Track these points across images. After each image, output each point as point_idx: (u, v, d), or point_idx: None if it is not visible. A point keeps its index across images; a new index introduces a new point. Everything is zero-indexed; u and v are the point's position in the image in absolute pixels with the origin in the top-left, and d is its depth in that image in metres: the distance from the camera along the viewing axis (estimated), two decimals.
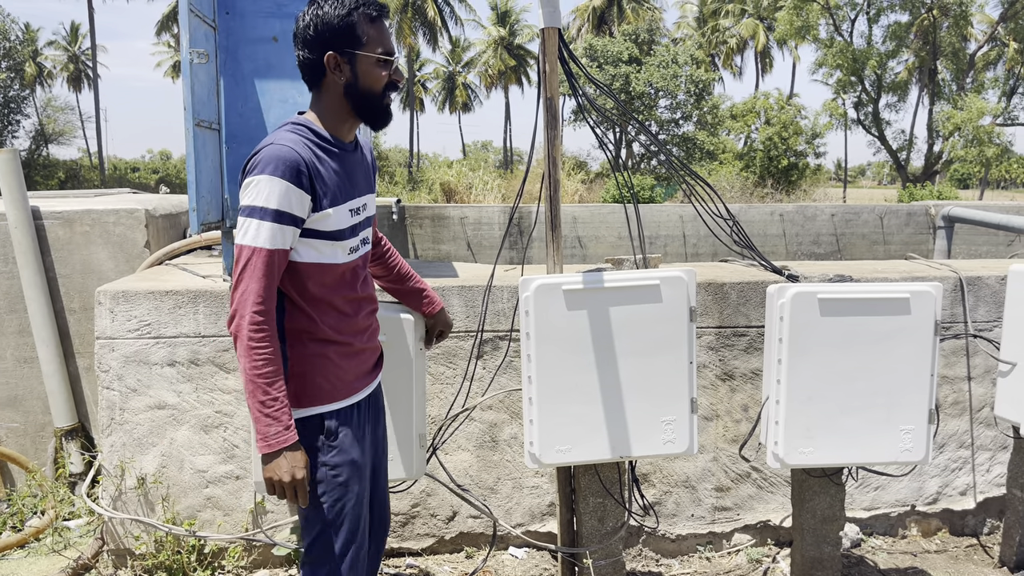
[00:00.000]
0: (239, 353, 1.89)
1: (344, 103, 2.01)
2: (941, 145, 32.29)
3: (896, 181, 48.69)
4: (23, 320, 4.31)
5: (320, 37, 1.93)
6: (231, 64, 3.34)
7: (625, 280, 2.69)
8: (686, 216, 11.75)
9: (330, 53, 1.94)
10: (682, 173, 3.07)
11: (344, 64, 1.96)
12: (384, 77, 2.00)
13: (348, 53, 1.95)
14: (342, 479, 2.10)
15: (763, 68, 52.46)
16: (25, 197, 4.27)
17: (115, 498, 3.36)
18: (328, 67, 1.96)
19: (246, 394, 1.90)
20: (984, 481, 3.82)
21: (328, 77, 1.98)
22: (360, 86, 1.99)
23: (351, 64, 1.96)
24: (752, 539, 3.68)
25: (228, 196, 3.36)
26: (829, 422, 2.80)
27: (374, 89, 2.00)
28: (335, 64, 1.96)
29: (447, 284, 3.41)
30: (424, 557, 3.53)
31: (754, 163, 31.73)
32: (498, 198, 24.43)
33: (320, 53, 1.94)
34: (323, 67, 1.96)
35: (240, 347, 1.88)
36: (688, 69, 33.09)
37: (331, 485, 2.09)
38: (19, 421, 4.39)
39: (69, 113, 45.97)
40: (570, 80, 2.83)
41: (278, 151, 1.88)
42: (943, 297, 3.22)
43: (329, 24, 1.92)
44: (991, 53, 33.93)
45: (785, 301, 2.75)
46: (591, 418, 2.70)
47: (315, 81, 2.02)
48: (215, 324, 3.32)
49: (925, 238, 11.73)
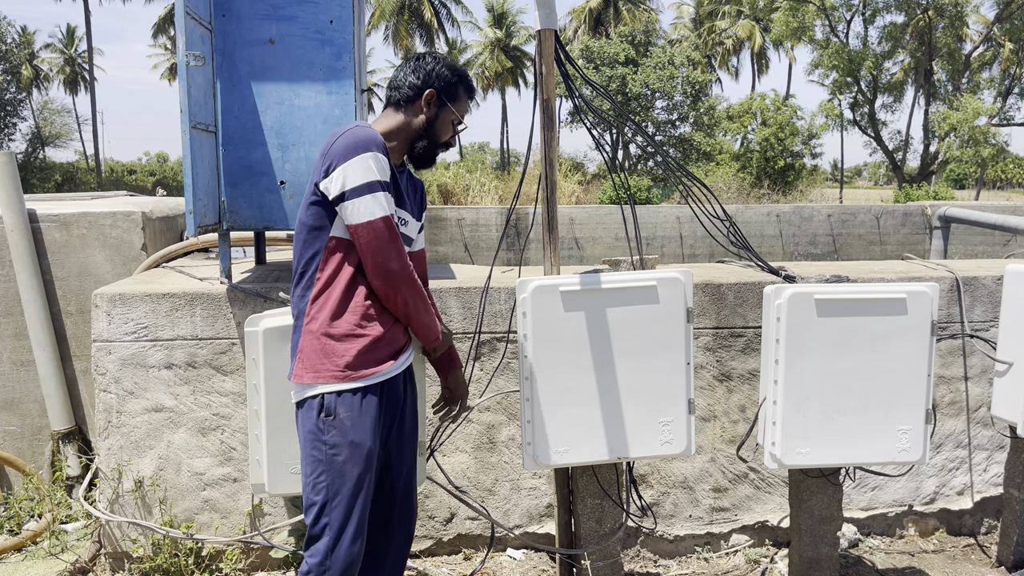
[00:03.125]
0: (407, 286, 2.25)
1: (409, 133, 2.37)
2: (937, 145, 32.36)
3: (892, 181, 48.81)
4: (20, 323, 4.30)
5: (430, 77, 2.35)
6: (227, 66, 3.34)
7: (622, 281, 2.69)
8: (683, 217, 11.76)
9: (432, 90, 2.35)
10: (679, 174, 3.08)
11: (434, 105, 2.36)
12: (450, 132, 2.42)
13: (441, 100, 2.37)
14: (340, 459, 2.20)
15: (759, 69, 52.56)
16: (22, 200, 4.26)
17: (112, 501, 3.35)
18: (423, 99, 2.35)
19: (419, 312, 2.31)
20: (981, 481, 3.83)
21: (416, 105, 2.36)
22: (433, 127, 2.38)
23: (438, 108, 2.37)
24: (750, 539, 3.68)
25: (225, 199, 3.36)
26: (826, 422, 2.80)
27: (440, 136, 2.40)
28: (429, 99, 2.35)
29: (444, 286, 3.41)
30: (422, 559, 3.53)
31: (751, 164, 31.77)
32: (495, 200, 24.43)
33: (425, 86, 2.35)
34: (420, 97, 2.35)
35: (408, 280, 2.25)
36: (684, 70, 33.13)
37: (329, 464, 2.20)
38: (16, 424, 4.38)
39: (66, 116, 45.97)
40: (567, 82, 2.84)
41: (372, 133, 2.22)
42: (939, 297, 3.22)
43: (442, 75, 2.37)
44: (987, 53, 33.98)
45: (782, 302, 2.75)
46: (589, 419, 2.70)
47: (401, 104, 2.37)
48: (212, 326, 3.31)
49: (921, 238, 11.74)
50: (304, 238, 2.27)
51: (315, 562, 2.23)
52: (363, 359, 2.23)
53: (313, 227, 2.25)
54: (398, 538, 2.51)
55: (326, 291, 2.24)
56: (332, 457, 2.21)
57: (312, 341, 2.24)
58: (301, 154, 3.39)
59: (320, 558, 2.22)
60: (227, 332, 3.32)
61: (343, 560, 2.22)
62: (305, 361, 2.24)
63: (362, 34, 3.61)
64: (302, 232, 2.28)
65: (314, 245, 2.25)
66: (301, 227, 2.28)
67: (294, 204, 3.41)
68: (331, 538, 2.22)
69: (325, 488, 2.22)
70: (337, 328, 2.22)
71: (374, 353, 2.25)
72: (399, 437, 2.43)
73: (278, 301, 3.22)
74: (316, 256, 2.25)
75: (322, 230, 2.24)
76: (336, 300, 2.22)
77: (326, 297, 2.24)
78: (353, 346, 2.22)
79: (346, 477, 2.21)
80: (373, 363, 2.25)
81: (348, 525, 2.22)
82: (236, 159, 3.37)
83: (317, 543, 2.23)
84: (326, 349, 2.22)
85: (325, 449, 2.21)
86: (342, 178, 2.15)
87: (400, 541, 2.52)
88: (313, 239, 2.25)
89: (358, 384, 2.22)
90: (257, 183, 3.38)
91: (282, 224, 3.42)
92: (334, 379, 2.21)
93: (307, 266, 2.27)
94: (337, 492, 2.21)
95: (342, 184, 2.15)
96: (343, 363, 2.21)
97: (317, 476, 2.22)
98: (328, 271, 2.24)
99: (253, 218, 3.41)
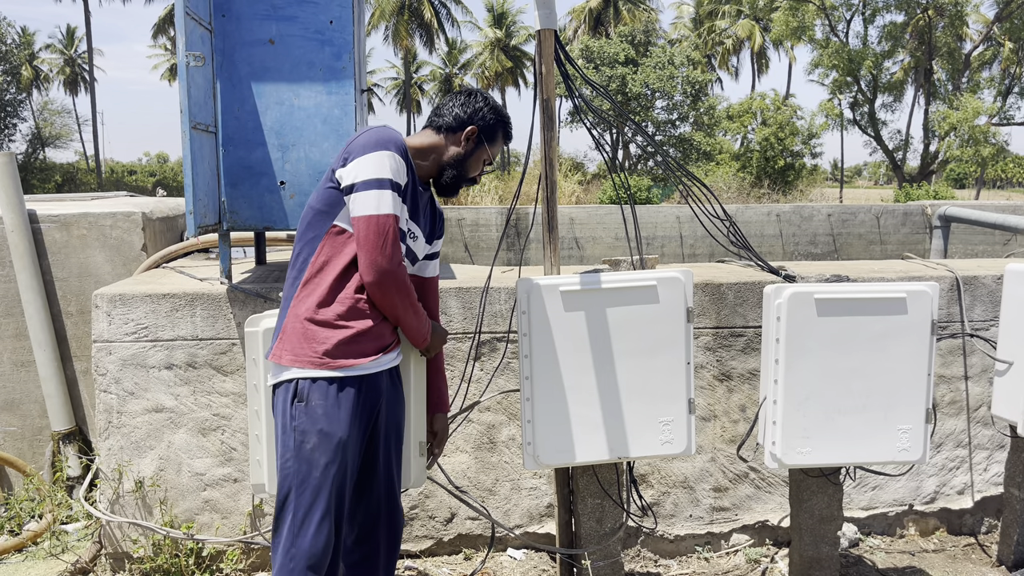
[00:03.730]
0: (396, 287, 2.26)
1: (441, 158, 2.45)
2: (937, 145, 32.35)
3: (892, 181, 48.79)
4: (20, 324, 4.30)
5: (476, 114, 2.46)
6: (227, 67, 3.34)
7: (622, 281, 2.69)
8: (683, 217, 11.76)
9: (474, 127, 2.44)
10: (679, 174, 3.08)
11: (472, 142, 2.45)
12: (479, 170, 2.52)
13: (480, 139, 2.47)
14: (308, 446, 2.20)
15: (759, 69, 52.53)
16: (22, 201, 4.26)
17: (113, 501, 3.35)
18: (464, 133, 2.44)
19: (407, 314, 2.32)
20: (982, 480, 3.83)
21: (456, 136, 2.45)
22: (465, 162, 2.47)
23: (475, 145, 2.46)
24: (750, 539, 3.68)
25: (225, 199, 3.36)
26: (826, 422, 2.80)
27: (469, 171, 2.49)
28: (470, 135, 2.44)
29: (445, 286, 3.41)
30: (423, 559, 3.53)
31: (751, 164, 31.77)
32: (495, 200, 24.42)
33: (470, 122, 2.45)
34: (462, 130, 2.44)
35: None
36: (684, 70, 33.12)
37: (297, 451, 2.21)
38: (16, 425, 4.38)
39: (66, 116, 45.97)
40: (566, 82, 2.84)
41: (396, 135, 2.28)
42: (940, 297, 3.22)
43: (487, 117, 2.47)
44: (986, 53, 33.97)
45: (782, 301, 2.75)
46: (589, 419, 2.70)
47: (442, 130, 2.45)
48: (212, 327, 3.31)
49: (921, 238, 11.75)
50: (309, 220, 2.30)
51: (280, 548, 2.22)
52: (342, 349, 2.23)
53: (320, 211, 2.27)
54: (385, 537, 2.50)
55: (317, 276, 2.25)
56: (300, 444, 2.20)
57: (295, 324, 2.24)
58: (301, 154, 3.39)
59: (285, 545, 2.22)
60: (227, 332, 3.33)
61: (307, 549, 2.19)
62: (285, 343, 2.25)
63: (362, 34, 3.61)
64: (308, 214, 2.30)
65: (316, 228, 2.28)
66: (309, 209, 2.31)
67: (294, 204, 3.41)
68: (295, 525, 2.20)
69: (292, 475, 2.21)
70: (321, 315, 2.22)
71: (356, 346, 2.24)
72: (384, 435, 2.41)
73: (278, 301, 3.22)
74: (315, 239, 2.27)
75: (327, 216, 2.26)
76: (326, 288, 2.23)
77: (316, 283, 2.25)
78: (334, 335, 2.22)
79: (313, 465, 2.20)
80: (353, 355, 2.24)
81: (312, 513, 2.20)
82: (236, 159, 3.37)
83: (281, 529, 2.23)
84: (307, 334, 2.22)
85: (294, 435, 2.21)
86: (356, 169, 2.20)
87: (388, 541, 2.51)
88: (316, 222, 2.28)
89: (334, 373, 2.21)
90: (257, 183, 3.39)
91: (282, 224, 3.42)
92: (311, 365, 2.21)
93: (303, 248, 2.29)
94: (304, 480, 2.20)
95: (355, 175, 2.20)
96: (322, 350, 2.21)
97: (285, 461, 2.23)
98: (323, 257, 2.26)
99: (253, 218, 3.41)
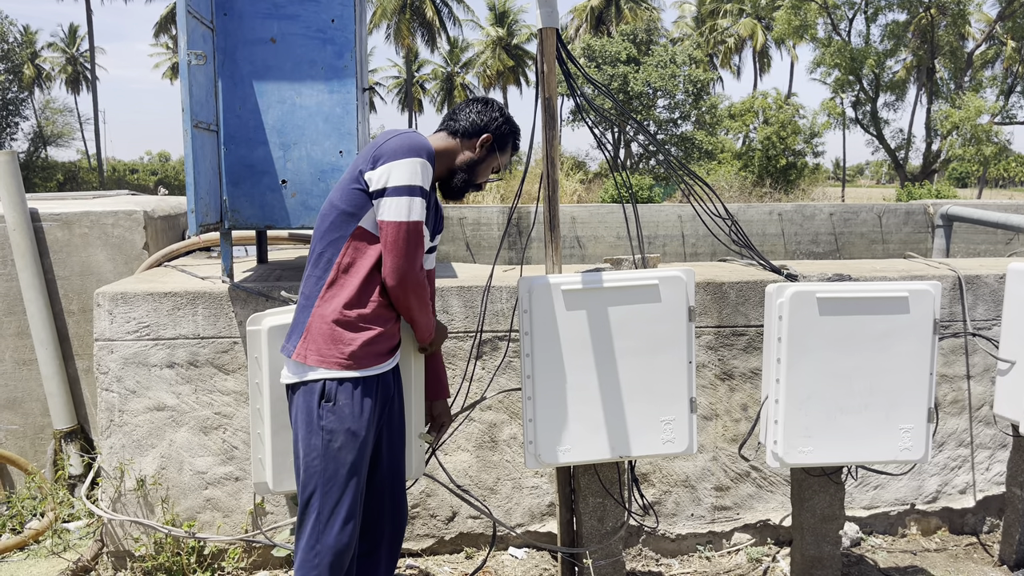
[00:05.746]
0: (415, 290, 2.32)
1: (453, 162, 2.50)
2: (939, 144, 32.31)
3: (894, 180, 48.75)
4: (22, 322, 4.31)
5: (492, 123, 2.51)
6: (229, 65, 3.34)
7: (624, 280, 2.69)
8: (685, 216, 11.75)
9: (489, 135, 2.51)
10: (680, 173, 3.07)
11: (485, 149, 2.52)
12: (485, 176, 2.58)
13: (493, 147, 2.53)
14: (335, 445, 2.25)
15: (761, 68, 52.45)
16: (24, 199, 4.27)
17: (114, 500, 3.35)
18: (479, 140, 2.50)
19: (421, 314, 2.39)
20: (984, 479, 3.82)
21: (471, 142, 2.50)
22: (476, 168, 2.53)
23: (487, 153, 2.52)
24: (752, 538, 3.68)
25: (226, 197, 3.36)
26: (828, 421, 2.80)
27: (478, 177, 2.55)
28: (484, 143, 2.50)
29: (446, 285, 3.41)
30: (424, 558, 3.53)
31: (752, 163, 31.73)
32: (497, 198, 24.42)
33: (485, 130, 2.51)
34: (477, 136, 2.50)
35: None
36: (686, 69, 33.10)
37: (324, 450, 2.25)
38: (18, 423, 4.39)
39: (67, 115, 45.97)
40: (568, 80, 2.83)
41: (427, 143, 2.34)
42: (942, 296, 3.22)
43: (502, 127, 2.54)
44: (989, 52, 33.94)
45: (784, 300, 2.75)
46: (590, 418, 2.70)
47: (457, 134, 2.51)
48: (214, 325, 3.32)
49: (924, 237, 11.73)
50: (332, 220, 2.31)
51: (305, 547, 2.27)
52: (367, 351, 2.29)
53: (346, 211, 2.29)
54: (389, 533, 2.54)
55: (343, 278, 2.29)
56: (328, 443, 2.25)
57: (322, 325, 2.27)
58: (303, 153, 3.39)
59: (310, 542, 2.26)
60: (229, 331, 3.33)
61: (332, 545, 2.26)
62: (311, 343, 2.28)
63: (364, 33, 3.61)
64: (332, 213, 2.31)
65: (341, 229, 2.30)
66: (332, 208, 2.31)
67: (296, 203, 3.41)
68: (320, 523, 2.26)
69: (318, 473, 2.26)
70: (348, 317, 2.27)
71: (377, 346, 2.31)
72: (388, 431, 2.47)
73: (280, 300, 3.22)
74: (339, 240, 2.30)
75: (354, 217, 2.28)
76: (353, 289, 2.27)
77: (342, 284, 2.28)
78: (360, 336, 2.27)
79: (340, 464, 2.26)
80: (375, 356, 2.31)
81: (338, 511, 2.26)
82: (238, 158, 3.37)
83: (306, 528, 2.27)
84: (335, 335, 2.26)
85: (322, 435, 2.25)
86: (387, 174, 2.22)
87: (391, 536, 2.55)
88: (341, 223, 2.30)
89: (360, 374, 2.28)
90: (259, 182, 3.39)
91: (284, 223, 3.42)
92: (338, 366, 2.26)
93: (327, 248, 2.31)
94: (331, 478, 2.26)
95: (386, 180, 2.22)
96: (348, 352, 2.26)
97: (311, 461, 2.26)
98: (347, 259, 2.29)
99: (255, 217, 3.41)
